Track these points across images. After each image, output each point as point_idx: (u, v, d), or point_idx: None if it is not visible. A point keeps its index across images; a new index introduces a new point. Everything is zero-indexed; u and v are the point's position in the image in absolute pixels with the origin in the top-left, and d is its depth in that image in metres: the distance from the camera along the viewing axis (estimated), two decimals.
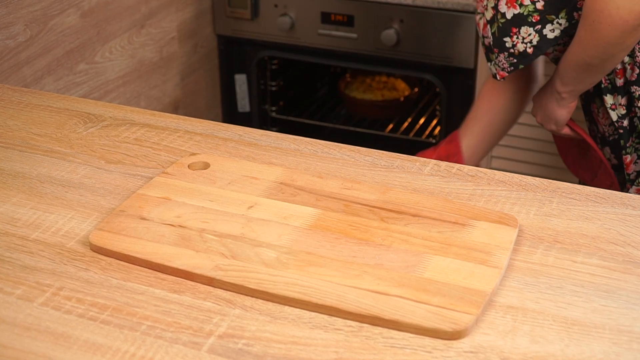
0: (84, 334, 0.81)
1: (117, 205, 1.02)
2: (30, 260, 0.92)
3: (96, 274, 0.90)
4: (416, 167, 1.10)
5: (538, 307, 0.84)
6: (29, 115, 1.24)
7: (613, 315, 0.83)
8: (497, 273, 0.88)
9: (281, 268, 0.89)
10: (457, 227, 0.95)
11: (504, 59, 1.52)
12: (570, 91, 1.54)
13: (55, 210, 1.01)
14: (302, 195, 1.02)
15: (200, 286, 0.88)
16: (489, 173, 1.08)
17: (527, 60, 1.50)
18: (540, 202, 1.02)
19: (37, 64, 1.75)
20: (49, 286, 0.88)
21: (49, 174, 1.09)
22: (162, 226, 0.96)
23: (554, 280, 0.88)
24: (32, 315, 0.84)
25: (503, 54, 1.51)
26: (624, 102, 1.50)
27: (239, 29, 2.34)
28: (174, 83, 2.26)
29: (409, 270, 0.88)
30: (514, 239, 0.94)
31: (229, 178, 1.05)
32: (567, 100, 1.56)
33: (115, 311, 0.84)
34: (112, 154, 1.13)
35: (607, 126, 1.57)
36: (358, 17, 2.20)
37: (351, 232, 0.95)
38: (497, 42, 1.51)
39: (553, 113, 1.59)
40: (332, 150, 1.14)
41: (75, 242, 0.95)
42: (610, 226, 0.97)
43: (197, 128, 1.20)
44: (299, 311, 0.84)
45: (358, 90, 2.58)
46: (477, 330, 0.81)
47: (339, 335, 0.81)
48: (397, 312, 0.82)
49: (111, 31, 1.97)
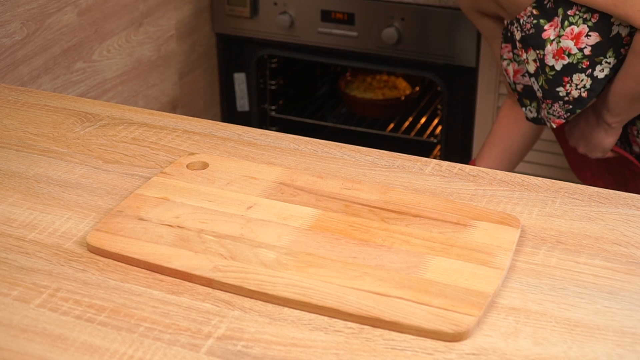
0: (81, 335, 0.81)
1: (114, 205, 1.02)
2: (27, 261, 0.92)
3: (93, 275, 0.90)
4: (417, 167, 1.10)
5: (540, 309, 0.84)
6: (26, 114, 1.24)
7: (616, 316, 0.83)
8: (499, 274, 0.88)
9: (281, 269, 0.89)
10: (458, 228, 0.95)
11: (559, 108, 1.54)
12: (621, 121, 1.56)
13: (52, 211, 1.01)
14: (301, 195, 1.02)
15: (198, 287, 0.88)
16: (491, 173, 1.08)
17: (583, 104, 1.52)
18: (542, 203, 1.02)
19: (33, 63, 1.75)
20: (45, 287, 0.88)
21: (45, 173, 1.09)
22: (160, 227, 0.96)
23: (557, 281, 0.88)
24: (28, 317, 0.84)
25: (557, 103, 1.53)
26: None
27: (238, 27, 2.34)
28: (172, 82, 2.26)
29: (410, 271, 0.88)
30: (516, 239, 0.93)
31: (228, 178, 1.05)
32: (616, 129, 1.58)
33: (112, 313, 0.84)
34: (109, 153, 1.13)
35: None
36: (359, 15, 2.20)
37: (351, 232, 0.95)
38: (548, 94, 1.53)
39: (601, 143, 1.61)
40: (332, 150, 1.14)
41: (73, 243, 0.95)
42: (613, 227, 0.97)
43: (196, 127, 1.20)
44: (299, 313, 0.84)
45: (359, 89, 2.57)
46: (478, 332, 0.81)
47: (339, 337, 0.81)
48: (398, 314, 0.82)
49: (109, 29, 1.97)
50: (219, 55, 2.44)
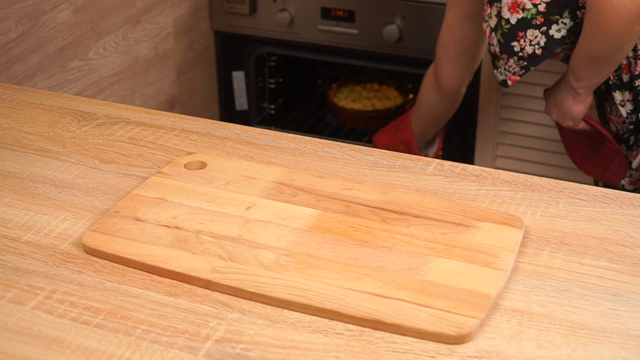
0: (77, 338, 0.81)
1: (111, 206, 1.02)
2: (22, 262, 0.92)
3: (90, 277, 0.90)
4: (419, 167, 1.10)
5: (544, 311, 0.84)
6: (21, 113, 1.24)
7: (621, 319, 0.83)
8: (502, 276, 0.88)
9: (280, 270, 0.89)
10: (461, 229, 0.95)
11: (514, 64, 1.57)
12: (585, 86, 1.58)
13: (48, 211, 1.01)
14: (301, 195, 1.02)
15: (196, 289, 0.88)
16: (494, 173, 1.08)
17: (537, 62, 1.55)
18: (546, 203, 1.02)
19: (29, 61, 1.75)
20: (41, 289, 0.88)
21: (41, 173, 1.09)
22: (158, 227, 0.96)
23: (561, 283, 0.88)
24: (24, 319, 0.84)
25: (512, 58, 1.57)
26: (631, 98, 1.52)
27: (236, 24, 2.34)
28: (169, 80, 2.26)
29: (411, 273, 0.88)
30: (519, 240, 0.93)
31: (227, 178, 1.05)
32: (583, 96, 1.60)
33: (109, 315, 0.84)
34: (106, 153, 1.13)
35: (620, 124, 1.60)
36: (359, 12, 2.20)
37: (352, 233, 0.95)
38: (505, 48, 1.57)
39: (570, 110, 1.63)
40: (332, 149, 1.14)
41: (69, 244, 0.95)
42: (618, 227, 0.97)
43: (194, 126, 1.20)
44: (299, 315, 0.84)
45: (347, 99, 2.54)
46: (481, 335, 0.81)
47: (340, 339, 0.81)
48: (400, 316, 0.82)
49: (105, 27, 1.97)
50: (218, 53, 2.44)
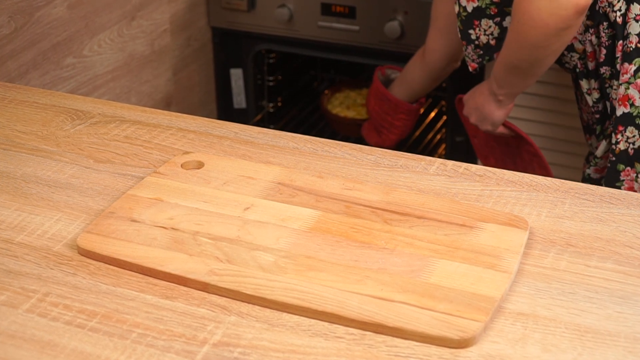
0: (71, 342, 0.81)
1: (106, 206, 1.02)
2: (15, 264, 0.92)
3: (84, 279, 0.90)
4: (421, 167, 1.10)
5: (550, 314, 0.84)
6: (14, 111, 1.24)
7: (628, 322, 0.84)
8: (507, 278, 0.88)
9: (279, 273, 0.89)
10: (464, 230, 0.95)
11: (472, 51, 1.61)
12: (506, 93, 1.61)
13: (41, 212, 1.01)
14: (301, 196, 1.02)
15: (193, 292, 0.88)
16: (498, 173, 1.08)
17: (492, 52, 1.58)
18: (552, 204, 1.02)
19: (22, 58, 1.75)
20: (34, 292, 0.88)
21: (34, 173, 1.09)
22: (154, 229, 0.96)
23: (567, 285, 0.88)
24: (16, 323, 0.84)
25: (470, 46, 1.60)
26: (597, 86, 1.52)
27: (234, 21, 2.34)
28: (166, 78, 2.26)
29: (413, 275, 0.88)
30: (524, 242, 0.94)
31: (224, 178, 1.05)
32: (504, 103, 1.63)
33: (104, 318, 0.84)
34: (101, 152, 1.14)
35: (590, 114, 1.60)
36: (360, 8, 2.20)
37: (353, 234, 0.95)
38: (463, 35, 1.60)
39: (491, 115, 1.66)
40: (332, 149, 1.14)
41: (62, 246, 0.95)
42: (625, 228, 0.97)
43: (191, 125, 1.20)
44: (298, 318, 0.84)
45: (342, 105, 2.53)
46: (485, 339, 0.81)
47: (340, 343, 0.81)
48: (402, 319, 0.82)
49: (100, 23, 1.97)
50: (215, 50, 2.44)
